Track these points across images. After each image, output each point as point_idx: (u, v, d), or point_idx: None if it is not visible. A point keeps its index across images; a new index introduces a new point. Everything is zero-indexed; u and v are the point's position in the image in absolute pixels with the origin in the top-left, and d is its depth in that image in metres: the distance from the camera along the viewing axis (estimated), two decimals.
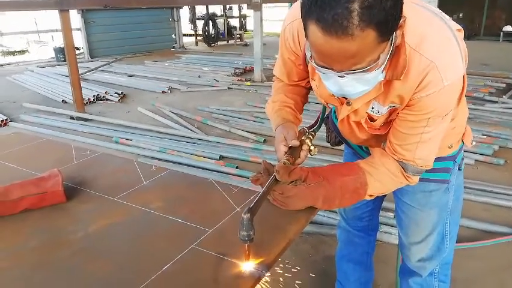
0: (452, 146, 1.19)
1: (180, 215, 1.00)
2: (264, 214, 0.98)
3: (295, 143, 1.07)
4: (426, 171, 1.10)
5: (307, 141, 1.15)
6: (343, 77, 0.85)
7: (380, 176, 1.03)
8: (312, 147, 1.15)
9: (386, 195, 1.53)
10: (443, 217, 1.27)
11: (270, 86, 1.35)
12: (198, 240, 0.90)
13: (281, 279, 2.06)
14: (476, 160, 3.22)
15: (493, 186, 2.79)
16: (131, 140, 3.80)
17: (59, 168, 1.13)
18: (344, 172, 1.01)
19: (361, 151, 1.36)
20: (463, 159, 1.26)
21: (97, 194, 1.12)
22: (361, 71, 0.82)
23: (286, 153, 1.08)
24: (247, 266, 0.80)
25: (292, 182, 0.95)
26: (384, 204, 2.25)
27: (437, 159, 1.18)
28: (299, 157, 1.10)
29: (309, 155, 1.17)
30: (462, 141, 1.22)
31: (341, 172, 1.01)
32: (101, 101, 5.41)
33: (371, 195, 1.06)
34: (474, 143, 3.36)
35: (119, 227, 0.97)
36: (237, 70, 7.08)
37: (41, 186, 1.02)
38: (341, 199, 1.00)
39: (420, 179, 1.20)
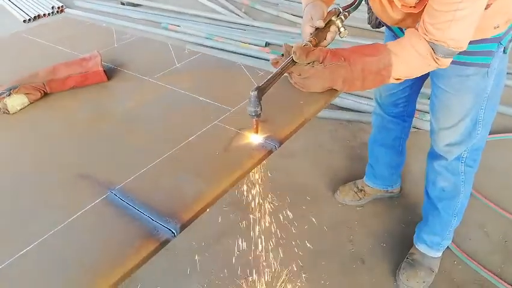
0: (498, 27, 1.09)
1: (207, 95, 1.07)
2: (284, 95, 1.03)
3: (320, 23, 1.04)
4: (465, 54, 1.04)
5: (338, 22, 1.10)
6: None
7: (407, 57, 0.99)
8: (342, 29, 1.11)
9: (424, 81, 1.49)
10: (478, 103, 1.24)
11: None
12: (220, 117, 0.98)
13: (318, 161, 2.19)
14: None
15: None
16: (179, 26, 3.81)
17: (101, 51, 1.23)
18: (367, 52, 0.98)
19: (401, 33, 1.30)
20: (510, 41, 1.16)
21: (134, 74, 1.21)
22: None
23: (312, 34, 1.06)
24: (256, 138, 0.87)
25: (310, 63, 0.96)
26: (428, 91, 2.18)
27: (478, 41, 1.10)
28: (325, 39, 1.08)
29: (339, 37, 1.14)
30: None
31: (364, 52, 0.98)
32: None
33: (397, 79, 1.04)
34: None
35: (152, 104, 1.07)
36: None
37: (84, 66, 1.12)
38: (363, 81, 0.99)
39: (458, 63, 1.14)
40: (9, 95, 1.04)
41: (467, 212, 1.53)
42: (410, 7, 1.03)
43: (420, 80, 1.49)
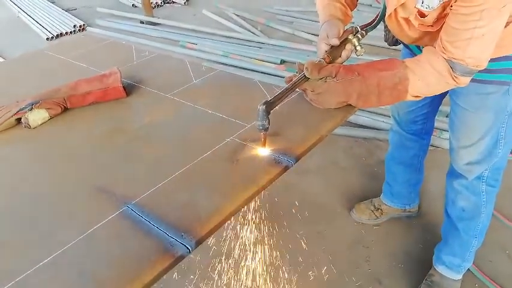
0: None
1: (223, 111, 1.08)
2: (301, 111, 1.03)
3: (335, 42, 1.04)
4: (485, 71, 1.02)
5: (354, 40, 1.10)
6: None
7: (424, 74, 0.98)
8: (358, 47, 1.11)
9: (443, 98, 1.47)
10: (499, 121, 1.21)
11: None
12: (236, 133, 0.98)
13: (333, 178, 2.17)
14: None
15: None
16: (196, 44, 3.87)
17: (121, 67, 1.25)
18: (382, 67, 0.98)
19: (418, 51, 1.29)
20: None
21: (153, 90, 1.23)
22: None
23: (326, 51, 1.06)
24: (264, 151, 0.89)
25: (322, 78, 0.96)
26: (446, 108, 2.15)
27: (498, 59, 1.09)
28: (340, 56, 1.08)
29: (355, 55, 1.14)
30: None
31: (378, 67, 0.98)
32: (168, 4, 5.46)
33: (416, 96, 1.03)
34: None
35: (170, 120, 1.08)
36: None
37: (103, 82, 1.15)
38: (379, 96, 0.98)
39: (478, 81, 1.13)
40: (31, 109, 1.07)
41: (489, 233, 1.48)
42: (428, 26, 1.02)
43: (439, 98, 1.47)
